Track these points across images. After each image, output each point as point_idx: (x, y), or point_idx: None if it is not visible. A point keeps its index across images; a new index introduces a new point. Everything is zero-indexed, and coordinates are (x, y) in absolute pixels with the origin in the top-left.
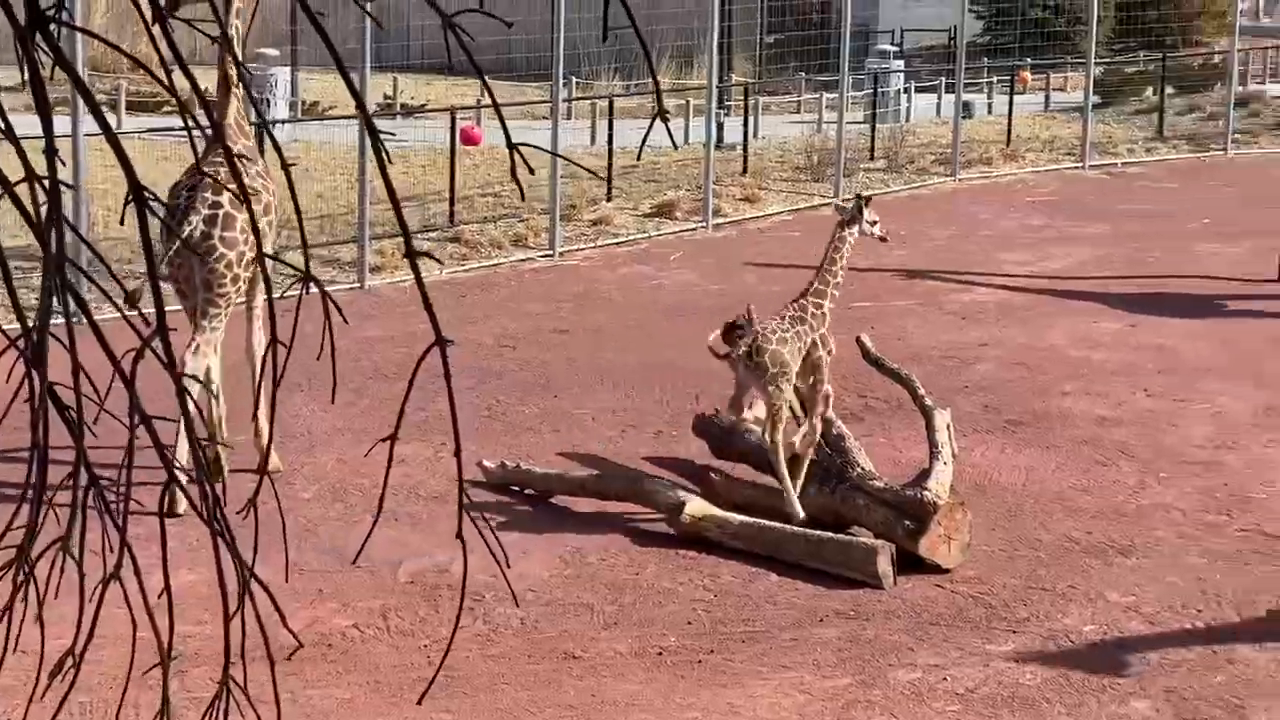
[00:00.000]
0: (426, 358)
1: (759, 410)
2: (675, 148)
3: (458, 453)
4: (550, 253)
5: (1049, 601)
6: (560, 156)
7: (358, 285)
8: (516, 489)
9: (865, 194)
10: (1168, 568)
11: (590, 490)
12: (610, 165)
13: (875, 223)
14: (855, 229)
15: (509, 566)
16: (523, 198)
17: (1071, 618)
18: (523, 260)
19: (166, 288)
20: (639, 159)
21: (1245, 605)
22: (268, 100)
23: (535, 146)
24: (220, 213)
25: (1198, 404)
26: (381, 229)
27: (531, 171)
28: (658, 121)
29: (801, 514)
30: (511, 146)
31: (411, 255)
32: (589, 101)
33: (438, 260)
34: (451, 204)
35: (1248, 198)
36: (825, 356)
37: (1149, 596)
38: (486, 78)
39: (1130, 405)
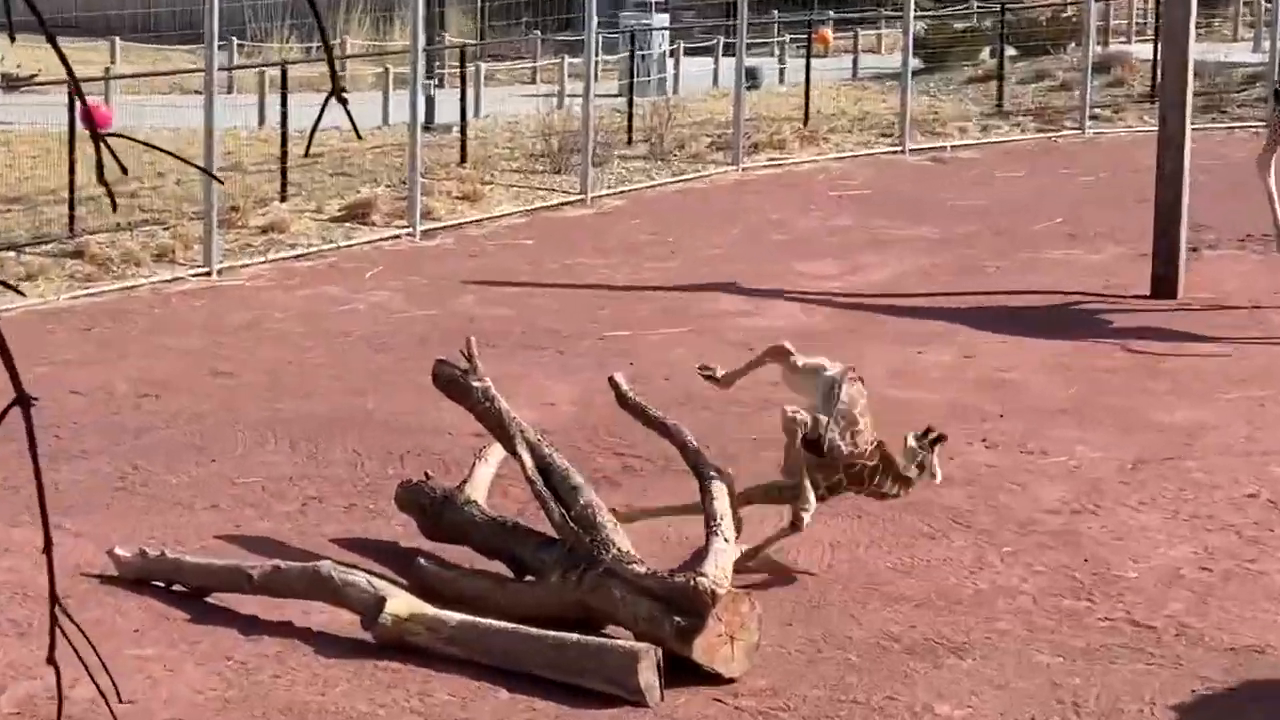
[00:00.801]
0: (22, 419)
1: (481, 476)
2: (359, 137)
3: (48, 548)
4: (206, 270)
5: (861, 717)
6: (166, 153)
7: None
8: (162, 584)
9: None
10: (1013, 670)
11: (260, 585)
12: (284, 154)
13: (926, 467)
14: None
15: (120, 701)
16: (114, 207)
17: None
18: (170, 280)
19: None
20: (307, 152)
21: (1112, 715)
22: None
23: (131, 139)
24: None
25: (1050, 456)
26: None
27: (125, 171)
28: (334, 102)
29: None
30: (97, 140)
31: None
32: (256, 71)
33: (19, 291)
34: (71, 207)
35: (1110, 190)
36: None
37: (989, 708)
38: (119, 39)
39: (965, 459)
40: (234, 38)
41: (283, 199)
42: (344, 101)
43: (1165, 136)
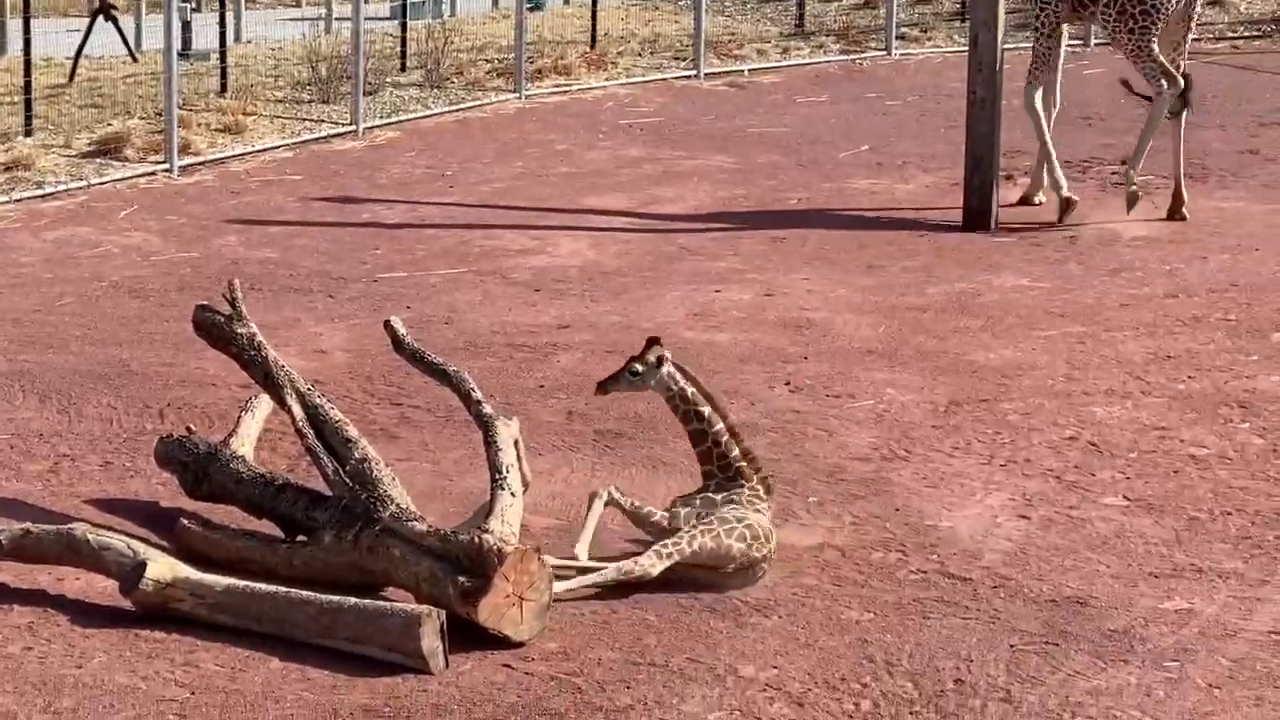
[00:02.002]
0: None
1: (247, 429)
2: (134, 59)
3: None
4: None
5: (661, 682)
6: None
7: None
8: None
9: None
10: (821, 628)
11: (9, 550)
12: (28, 84)
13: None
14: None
15: None
16: None
17: (692, 703)
18: None
19: None
20: (72, 78)
21: (926, 674)
22: None
23: None
24: None
25: (858, 400)
26: None
27: None
28: (100, 23)
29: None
30: None
31: None
32: None
33: None
34: None
35: (919, 116)
36: None
37: (796, 669)
38: None
39: (768, 404)
40: None
41: (27, 133)
42: (114, 19)
43: (977, 59)
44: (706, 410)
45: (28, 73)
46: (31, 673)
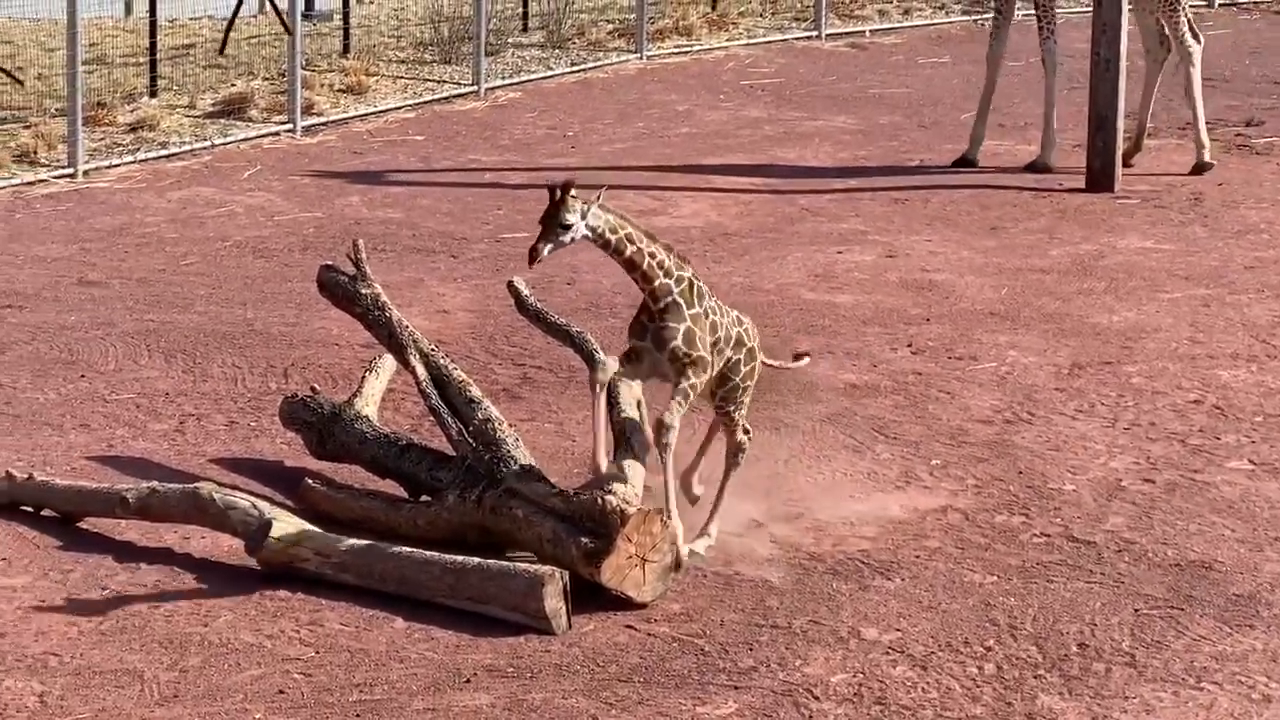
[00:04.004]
0: None
1: (371, 389)
2: (289, 31)
3: None
4: (70, 171)
5: (784, 644)
6: None
7: None
8: (30, 509)
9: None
10: (944, 590)
11: (136, 509)
12: (154, 45)
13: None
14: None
15: None
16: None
17: (815, 665)
18: (30, 183)
19: None
20: (223, 50)
21: (1049, 638)
22: None
23: None
24: None
25: (981, 362)
26: None
27: None
28: None
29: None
30: None
31: None
32: None
33: None
34: None
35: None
36: None
37: (919, 631)
38: None
39: (890, 366)
40: None
41: (153, 94)
42: None
43: (1101, 20)
44: (630, 230)
45: (153, 34)
46: (158, 631)
